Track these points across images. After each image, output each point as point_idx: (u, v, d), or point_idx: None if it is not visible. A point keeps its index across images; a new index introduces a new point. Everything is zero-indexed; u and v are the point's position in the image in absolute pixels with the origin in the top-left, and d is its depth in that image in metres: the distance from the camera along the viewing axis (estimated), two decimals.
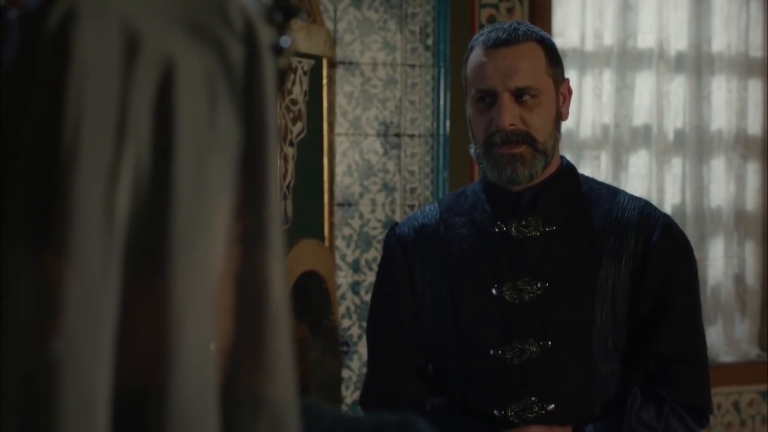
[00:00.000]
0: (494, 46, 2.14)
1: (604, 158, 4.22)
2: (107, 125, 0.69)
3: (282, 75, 0.79)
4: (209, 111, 0.71)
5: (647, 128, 4.26)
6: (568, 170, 2.24)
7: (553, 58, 2.19)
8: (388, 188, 3.91)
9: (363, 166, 3.90)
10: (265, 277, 0.73)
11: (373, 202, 3.90)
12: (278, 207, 0.76)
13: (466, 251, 2.20)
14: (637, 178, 4.26)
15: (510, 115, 2.11)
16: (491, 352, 2.15)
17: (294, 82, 3.28)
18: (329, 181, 3.46)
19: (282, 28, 0.78)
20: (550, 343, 2.13)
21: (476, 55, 2.17)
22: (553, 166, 2.21)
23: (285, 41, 0.78)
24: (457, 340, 2.18)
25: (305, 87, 3.33)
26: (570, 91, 2.23)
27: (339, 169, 3.80)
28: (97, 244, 0.67)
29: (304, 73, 3.32)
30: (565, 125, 4.00)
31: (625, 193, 2.25)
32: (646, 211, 2.19)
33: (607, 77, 4.20)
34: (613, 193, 2.24)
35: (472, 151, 2.21)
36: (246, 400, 0.72)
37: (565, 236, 2.17)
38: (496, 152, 2.13)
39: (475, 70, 2.16)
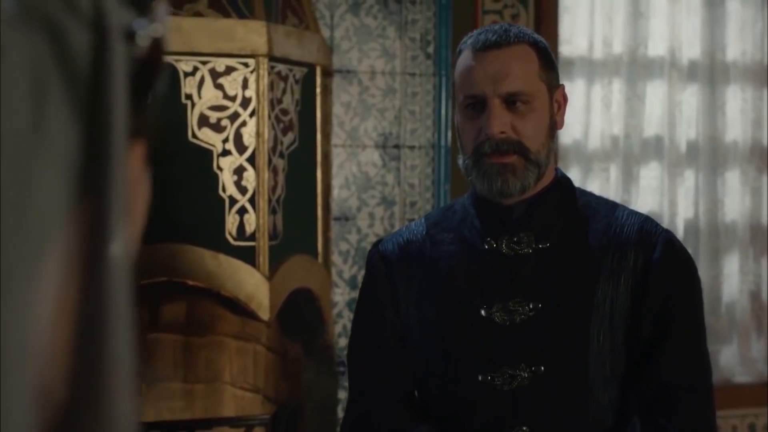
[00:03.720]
0: (483, 48, 2.01)
1: (614, 171, 4.14)
2: None
3: (151, 68, 0.64)
4: (34, 108, 0.56)
5: (659, 140, 4.18)
6: (563, 183, 2.10)
7: (547, 62, 2.05)
8: (387, 202, 3.80)
9: (361, 179, 3.79)
10: (106, 312, 0.58)
11: (372, 216, 3.77)
12: (127, 224, 0.61)
13: (454, 269, 2.07)
14: (648, 192, 4.18)
15: (500, 122, 1.98)
16: (480, 377, 2.01)
17: (285, 91, 3.15)
18: (324, 195, 3.33)
19: (143, 11, 0.63)
20: (542, 368, 1.99)
21: (464, 59, 2.04)
22: (547, 179, 2.08)
23: (141, 25, 0.63)
24: (444, 365, 2.05)
25: (297, 96, 3.20)
26: (565, 98, 2.10)
27: (336, 182, 3.69)
28: None
29: (296, 81, 3.19)
30: (573, 137, 4.17)
31: (624, 208, 2.11)
32: (646, 227, 2.06)
33: (617, 87, 4.13)
34: (611, 207, 2.10)
35: (460, 162, 2.07)
36: None
37: (560, 254, 2.04)
38: (486, 162, 2.00)
39: (463, 74, 2.03)
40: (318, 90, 3.28)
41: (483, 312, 2.02)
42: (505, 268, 2.04)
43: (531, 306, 2.01)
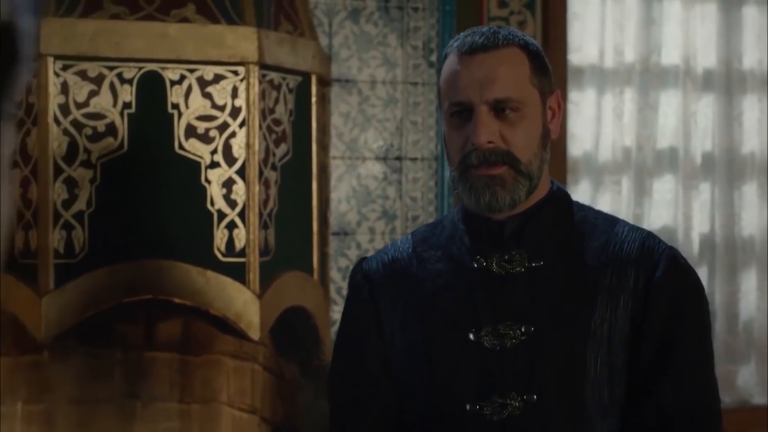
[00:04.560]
0: (469, 52, 1.88)
1: (626, 184, 4.08)
2: None
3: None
4: None
5: (673, 151, 4.13)
6: (558, 196, 1.97)
7: (539, 66, 1.92)
8: (388, 216, 3.70)
9: (361, 192, 3.70)
10: None
11: (372, 230, 3.65)
12: None
13: (441, 290, 1.94)
14: (662, 205, 4.12)
15: (487, 131, 1.84)
16: (468, 407, 1.88)
17: (277, 100, 3.04)
18: (319, 208, 3.22)
19: None
20: (535, 397, 1.85)
21: (450, 63, 1.91)
22: (541, 192, 1.94)
23: None
24: (431, 392, 1.92)
25: (291, 106, 3.09)
26: (560, 105, 1.97)
27: (334, 195, 3.59)
28: None
29: (290, 90, 3.09)
30: (583, 148, 4.08)
31: (624, 224, 1.97)
32: (648, 244, 1.92)
33: (629, 96, 4.07)
34: (611, 223, 1.97)
35: (448, 174, 1.95)
36: None
37: (554, 273, 1.91)
38: (473, 174, 1.87)
39: (448, 80, 1.90)
40: (313, 99, 3.18)
41: (471, 336, 1.89)
42: (496, 289, 1.90)
43: (523, 329, 1.88)
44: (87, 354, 3.00)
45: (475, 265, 1.92)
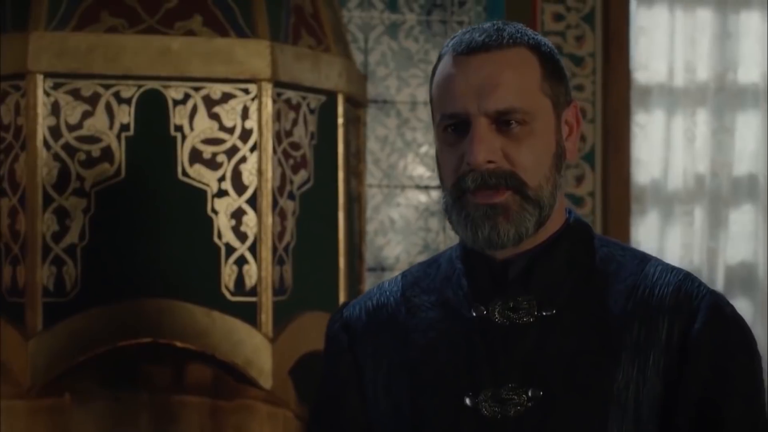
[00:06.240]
0: (467, 51, 1.60)
1: (699, 214, 3.97)
2: None
3: None
4: None
5: (752, 178, 4.02)
6: (577, 230, 1.67)
7: (553, 71, 1.63)
8: (430, 250, 3.58)
9: (400, 224, 3.60)
10: None
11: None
12: None
13: (433, 343, 1.65)
14: (739, 238, 4.02)
15: (486, 148, 1.56)
16: None
17: (296, 122, 2.88)
18: (347, 242, 3.02)
19: None
20: None
21: (443, 66, 1.63)
22: (555, 224, 1.64)
23: None
24: None
25: (312, 128, 2.91)
26: (579, 120, 1.68)
27: (370, 227, 3.56)
28: None
29: (311, 111, 2.92)
30: (651, 175, 3.93)
31: (657, 262, 1.67)
32: (685, 288, 1.61)
33: (702, 118, 4.00)
34: (640, 261, 1.67)
35: (441, 201, 1.68)
36: None
37: (570, 324, 1.61)
38: (469, 202, 1.58)
39: (440, 86, 1.62)
40: (340, 121, 3.00)
41: (468, 401, 1.60)
42: (498, 343, 1.61)
43: (530, 394, 1.58)
44: (110, 397, 2.90)
45: (474, 314, 1.63)
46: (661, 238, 3.84)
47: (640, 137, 3.88)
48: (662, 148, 3.92)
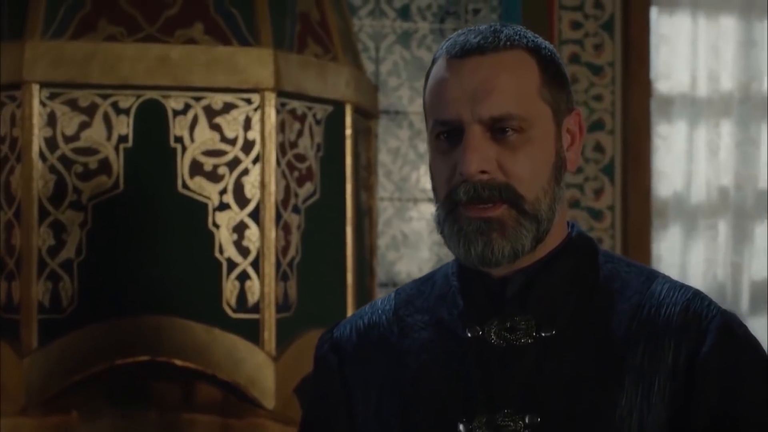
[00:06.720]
0: (461, 54, 1.52)
1: (723, 228, 3.94)
2: None
3: None
4: None
5: None
6: (579, 245, 1.59)
7: (554, 76, 1.55)
8: None
9: (412, 238, 3.55)
10: None
11: None
12: None
13: (426, 366, 1.57)
14: (765, 253, 3.95)
15: (480, 157, 1.48)
16: None
17: (301, 133, 2.85)
18: (356, 256, 2.96)
19: None
20: None
21: (437, 70, 1.56)
22: (555, 239, 1.56)
23: None
24: None
25: (318, 139, 2.86)
26: (582, 129, 1.59)
27: (381, 242, 3.51)
28: None
29: (317, 121, 2.87)
30: (673, 188, 3.88)
31: (664, 279, 1.58)
32: (694, 308, 1.52)
33: (726, 129, 3.98)
34: (646, 279, 1.58)
35: (434, 214, 1.59)
36: None
37: (570, 346, 1.53)
38: (462, 215, 1.50)
39: (433, 91, 1.55)
40: (348, 132, 2.96)
41: (461, 427, 1.52)
42: (494, 366, 1.53)
43: (527, 421, 1.50)
44: (118, 415, 2.87)
45: (469, 335, 1.55)
46: (683, 253, 3.79)
47: (662, 149, 3.87)
48: (685, 160, 3.91)
